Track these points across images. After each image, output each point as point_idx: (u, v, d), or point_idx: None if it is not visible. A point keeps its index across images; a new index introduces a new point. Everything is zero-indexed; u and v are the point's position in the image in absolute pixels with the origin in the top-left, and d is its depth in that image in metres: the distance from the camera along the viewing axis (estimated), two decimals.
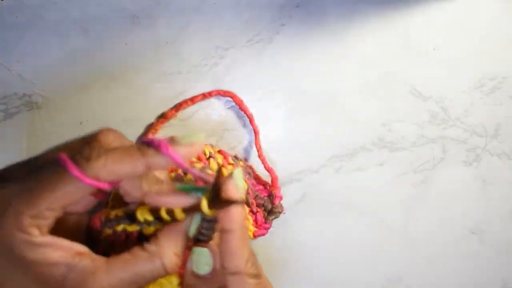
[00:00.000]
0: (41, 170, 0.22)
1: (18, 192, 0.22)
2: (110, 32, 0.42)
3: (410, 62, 0.44)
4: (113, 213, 0.27)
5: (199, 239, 0.26)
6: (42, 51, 0.41)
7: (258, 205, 0.38)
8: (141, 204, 0.26)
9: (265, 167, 0.40)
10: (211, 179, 0.24)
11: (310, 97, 0.43)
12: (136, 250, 0.24)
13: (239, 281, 0.24)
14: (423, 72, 0.44)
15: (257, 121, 0.42)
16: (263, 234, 0.38)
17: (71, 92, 0.41)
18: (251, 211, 0.37)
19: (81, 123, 0.41)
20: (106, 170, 0.21)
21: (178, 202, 0.24)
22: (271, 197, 0.39)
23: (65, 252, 0.23)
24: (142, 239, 0.27)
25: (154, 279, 0.24)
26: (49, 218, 0.22)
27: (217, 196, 0.24)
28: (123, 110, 0.41)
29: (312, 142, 0.43)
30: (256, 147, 0.41)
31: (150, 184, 0.25)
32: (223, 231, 0.24)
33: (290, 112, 0.43)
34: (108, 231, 0.27)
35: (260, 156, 0.40)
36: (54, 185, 0.21)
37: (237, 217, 0.24)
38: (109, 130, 0.25)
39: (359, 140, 0.43)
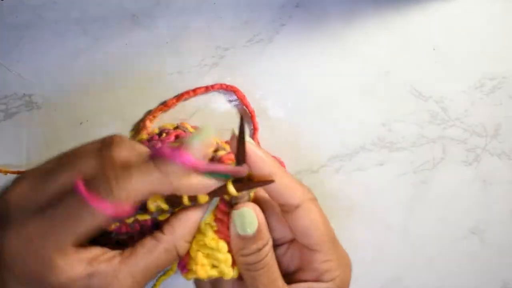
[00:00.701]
0: (62, 203, 0.21)
1: (44, 231, 0.21)
2: (110, 32, 0.42)
3: (410, 62, 0.44)
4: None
5: (235, 203, 0.27)
6: (42, 51, 0.41)
7: None
8: None
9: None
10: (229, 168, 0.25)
11: (310, 97, 0.43)
12: (150, 242, 0.24)
13: (304, 211, 0.26)
14: (423, 72, 0.44)
15: (256, 121, 0.42)
16: None
17: (71, 92, 0.41)
18: None
19: (81, 123, 0.41)
20: (130, 200, 0.22)
21: (205, 186, 0.24)
22: None
23: (88, 260, 0.23)
24: (157, 226, 0.27)
25: (170, 264, 0.25)
26: (81, 241, 0.22)
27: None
28: (123, 110, 0.41)
29: (312, 142, 0.43)
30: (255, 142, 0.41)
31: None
32: (271, 176, 0.25)
33: (290, 112, 0.43)
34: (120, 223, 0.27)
35: None
36: (84, 220, 0.21)
37: (271, 162, 0.25)
38: (120, 142, 0.24)
39: (359, 140, 0.43)
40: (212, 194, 0.25)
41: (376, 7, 0.44)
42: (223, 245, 0.27)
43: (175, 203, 0.25)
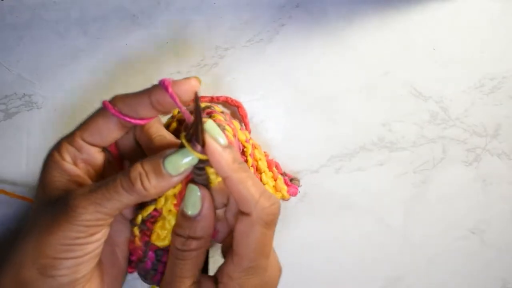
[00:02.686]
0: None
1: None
2: (110, 32, 0.42)
3: (410, 62, 0.44)
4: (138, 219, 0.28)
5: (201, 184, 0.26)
6: (42, 51, 0.41)
7: (280, 171, 0.40)
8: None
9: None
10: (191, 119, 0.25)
11: (310, 97, 0.43)
12: (117, 178, 0.25)
13: (247, 223, 0.25)
14: (423, 72, 0.44)
15: (257, 121, 0.42)
16: (295, 193, 0.40)
17: (71, 92, 0.41)
18: (278, 173, 0.39)
19: None
20: (124, 103, 0.26)
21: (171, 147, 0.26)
22: (285, 174, 0.41)
23: (71, 177, 0.26)
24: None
25: (126, 196, 0.24)
26: (83, 152, 0.27)
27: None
28: None
29: (312, 142, 0.43)
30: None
31: (156, 135, 0.28)
32: (223, 179, 0.25)
33: (290, 112, 0.43)
34: (137, 232, 0.28)
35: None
36: (91, 120, 0.26)
37: (225, 163, 0.24)
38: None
39: (359, 140, 0.43)
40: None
41: (376, 7, 0.44)
42: (172, 219, 0.27)
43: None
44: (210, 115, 0.32)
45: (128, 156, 0.30)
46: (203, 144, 0.24)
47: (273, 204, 0.25)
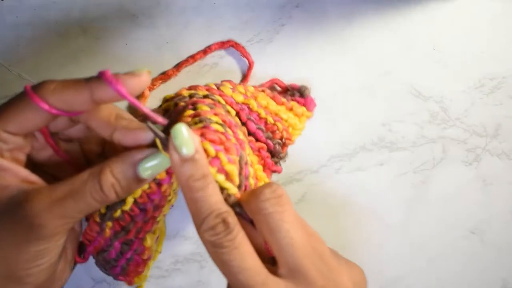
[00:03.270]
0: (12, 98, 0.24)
1: None
2: (110, 32, 0.42)
3: (410, 62, 0.44)
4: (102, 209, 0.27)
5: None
6: (42, 51, 0.41)
7: (288, 96, 0.41)
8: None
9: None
10: (159, 119, 0.24)
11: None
12: (85, 170, 0.24)
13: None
14: (423, 72, 0.44)
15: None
16: (315, 105, 0.41)
17: None
18: (288, 100, 0.40)
19: None
20: (54, 95, 0.23)
21: (146, 137, 0.24)
22: (289, 88, 0.42)
23: (20, 178, 0.24)
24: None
25: (94, 199, 0.23)
26: (9, 142, 0.24)
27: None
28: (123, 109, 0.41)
29: (312, 142, 0.43)
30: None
31: (118, 119, 0.25)
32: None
33: None
34: (109, 223, 0.28)
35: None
36: (10, 107, 0.24)
37: (180, 178, 0.22)
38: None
39: (359, 140, 0.43)
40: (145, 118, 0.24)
41: (376, 7, 0.44)
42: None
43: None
44: (194, 105, 0.30)
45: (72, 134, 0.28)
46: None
47: (215, 233, 0.23)
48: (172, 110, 0.32)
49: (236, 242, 0.22)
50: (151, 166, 0.24)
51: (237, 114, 0.35)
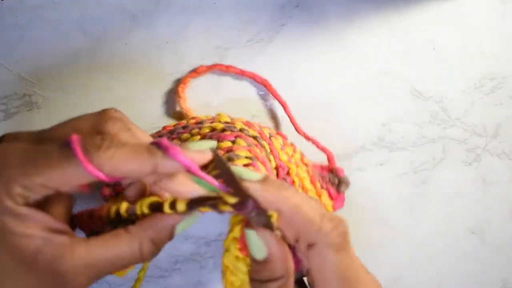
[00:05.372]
0: (49, 144, 0.21)
1: (20, 157, 0.21)
2: (110, 32, 0.42)
3: (410, 62, 0.44)
4: (112, 211, 0.26)
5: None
6: (42, 51, 0.41)
7: (326, 182, 0.39)
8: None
9: (318, 147, 0.40)
10: (224, 188, 0.23)
11: (310, 96, 0.43)
12: (119, 231, 0.23)
13: (316, 254, 0.23)
14: (423, 72, 0.44)
15: (257, 121, 0.42)
16: (341, 206, 0.39)
17: (71, 92, 0.41)
18: (321, 187, 0.38)
19: None
20: (111, 164, 0.20)
21: (190, 191, 0.23)
22: (334, 172, 0.39)
23: (45, 225, 0.22)
24: None
25: (131, 262, 0.23)
26: (39, 193, 0.21)
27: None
28: (123, 110, 0.41)
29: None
30: (300, 132, 0.41)
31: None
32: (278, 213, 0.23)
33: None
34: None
35: (308, 139, 0.40)
36: (55, 163, 0.20)
37: (268, 197, 0.22)
38: (118, 117, 0.24)
39: (359, 140, 0.43)
40: (191, 205, 0.23)
41: (376, 7, 0.44)
42: (242, 265, 0.26)
43: (156, 210, 0.24)
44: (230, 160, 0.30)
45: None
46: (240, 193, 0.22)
47: (338, 224, 0.23)
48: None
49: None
50: (187, 223, 0.24)
51: (276, 168, 0.34)
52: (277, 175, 0.34)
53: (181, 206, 0.23)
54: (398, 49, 0.44)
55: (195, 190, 0.23)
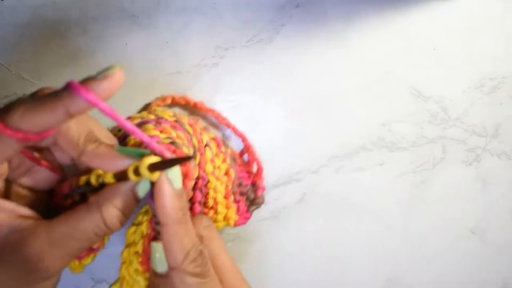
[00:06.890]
0: None
1: None
2: (110, 32, 0.42)
3: (410, 62, 0.44)
4: (83, 179, 0.25)
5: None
6: (42, 51, 0.41)
7: (241, 194, 0.38)
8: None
9: (254, 159, 0.40)
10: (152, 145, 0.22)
11: (310, 96, 0.43)
12: (79, 206, 0.23)
13: (177, 277, 0.23)
14: (423, 72, 0.44)
15: (256, 121, 0.42)
16: (243, 223, 0.38)
17: None
18: (234, 199, 0.37)
19: None
20: (25, 120, 0.20)
21: (114, 165, 0.22)
22: (255, 187, 0.39)
23: (8, 213, 0.22)
24: None
25: (97, 235, 0.23)
26: None
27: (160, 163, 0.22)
28: (123, 110, 0.41)
29: (312, 142, 0.43)
30: (247, 151, 0.41)
31: (86, 142, 0.23)
32: (160, 224, 0.23)
33: (290, 112, 0.43)
34: (76, 197, 0.26)
35: (248, 150, 0.40)
36: None
37: (170, 210, 0.23)
38: (46, 88, 0.23)
39: (359, 140, 0.43)
40: (119, 176, 0.23)
41: (376, 7, 0.44)
42: (141, 279, 0.26)
43: (121, 179, 0.23)
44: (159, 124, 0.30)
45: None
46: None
47: (198, 264, 0.24)
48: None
49: (211, 272, 0.25)
50: (146, 184, 0.24)
51: (196, 178, 0.34)
52: (196, 184, 0.34)
53: (110, 179, 0.23)
54: (398, 49, 0.44)
55: (121, 160, 0.22)
